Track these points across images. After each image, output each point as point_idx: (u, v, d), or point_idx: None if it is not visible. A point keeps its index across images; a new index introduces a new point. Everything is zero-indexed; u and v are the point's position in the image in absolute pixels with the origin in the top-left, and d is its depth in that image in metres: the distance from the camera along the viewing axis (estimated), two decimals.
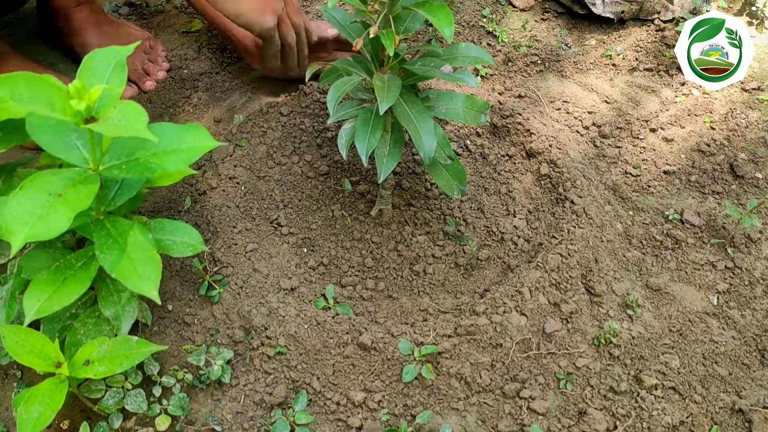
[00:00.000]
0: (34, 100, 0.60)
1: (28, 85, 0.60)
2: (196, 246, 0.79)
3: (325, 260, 1.02)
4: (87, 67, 0.67)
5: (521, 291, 0.95)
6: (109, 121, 0.61)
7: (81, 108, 0.60)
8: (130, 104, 0.63)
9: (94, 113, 0.62)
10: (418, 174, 1.14)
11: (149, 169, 0.67)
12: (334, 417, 0.85)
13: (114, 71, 0.67)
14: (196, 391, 0.85)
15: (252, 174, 1.08)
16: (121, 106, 0.63)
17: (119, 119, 0.61)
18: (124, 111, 0.62)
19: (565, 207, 1.09)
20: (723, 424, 0.88)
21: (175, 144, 0.69)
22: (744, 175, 1.20)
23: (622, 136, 1.26)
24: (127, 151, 0.69)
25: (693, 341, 0.96)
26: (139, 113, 0.62)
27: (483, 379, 0.87)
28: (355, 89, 0.95)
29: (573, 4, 1.51)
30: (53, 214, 0.61)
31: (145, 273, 0.68)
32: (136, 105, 0.63)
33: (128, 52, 0.69)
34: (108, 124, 0.61)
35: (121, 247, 0.69)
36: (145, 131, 0.60)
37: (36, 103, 0.60)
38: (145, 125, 0.61)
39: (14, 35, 1.32)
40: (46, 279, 0.72)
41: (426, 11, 0.80)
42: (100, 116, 0.62)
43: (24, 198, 0.62)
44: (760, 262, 1.07)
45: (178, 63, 1.35)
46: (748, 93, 1.35)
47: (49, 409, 0.68)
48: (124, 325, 0.78)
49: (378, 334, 0.90)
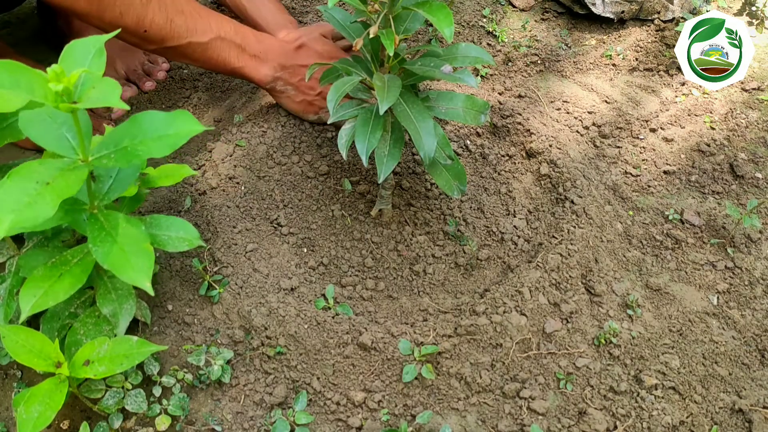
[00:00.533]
0: (16, 86, 0.61)
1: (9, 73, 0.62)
2: (192, 240, 0.79)
3: (325, 260, 1.02)
4: (68, 55, 0.68)
5: (521, 291, 0.95)
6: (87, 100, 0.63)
7: (59, 89, 0.61)
8: (107, 81, 0.64)
9: (76, 97, 0.63)
10: (418, 174, 1.14)
11: (137, 156, 0.68)
12: (334, 417, 0.85)
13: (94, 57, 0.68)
14: (196, 391, 0.85)
15: (252, 174, 1.08)
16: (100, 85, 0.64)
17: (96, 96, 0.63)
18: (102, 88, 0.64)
19: (565, 207, 1.09)
20: (723, 424, 0.88)
21: (162, 130, 0.70)
22: (744, 175, 1.20)
23: (622, 136, 1.26)
24: (115, 141, 0.70)
25: (693, 341, 0.96)
26: (115, 87, 0.63)
27: (483, 379, 0.87)
28: (355, 89, 0.95)
29: (573, 4, 1.51)
30: (40, 202, 0.62)
31: (137, 264, 0.69)
32: (113, 81, 0.64)
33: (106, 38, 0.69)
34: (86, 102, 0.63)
35: (113, 239, 0.70)
36: (119, 102, 0.62)
37: (18, 89, 0.61)
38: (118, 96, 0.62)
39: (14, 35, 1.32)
40: (42, 275, 0.73)
41: (426, 11, 0.80)
42: (81, 99, 0.64)
43: (11, 186, 0.62)
44: (760, 262, 1.07)
45: (178, 63, 1.35)
46: (748, 93, 1.35)
47: (49, 409, 0.68)
48: (122, 323, 0.78)
49: (378, 334, 0.90)
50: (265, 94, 1.26)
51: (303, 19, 1.45)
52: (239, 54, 1.05)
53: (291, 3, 1.48)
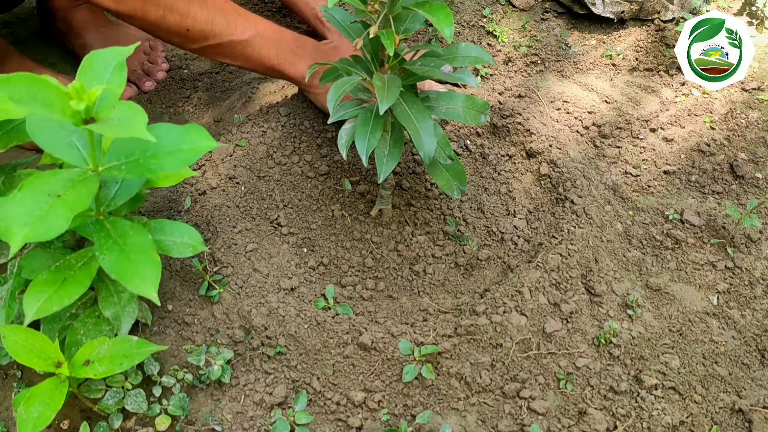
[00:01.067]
0: (33, 101, 0.60)
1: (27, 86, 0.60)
2: (196, 246, 0.79)
3: (325, 260, 1.02)
4: (86, 68, 0.66)
5: (521, 291, 0.95)
6: (108, 121, 0.61)
7: (80, 108, 0.59)
8: (130, 105, 0.63)
9: (94, 114, 0.62)
10: (418, 174, 1.14)
11: (149, 170, 0.67)
12: (334, 417, 0.85)
13: (114, 72, 0.66)
14: (196, 391, 0.85)
15: (252, 174, 1.08)
16: (121, 106, 0.62)
17: (118, 120, 0.61)
18: (123, 111, 0.62)
19: (565, 207, 1.09)
20: (723, 424, 0.88)
21: (175, 145, 0.69)
22: (744, 175, 1.20)
23: (622, 136, 1.26)
24: (126, 152, 0.68)
25: (693, 341, 0.96)
26: (139, 113, 0.61)
27: (483, 379, 0.88)
28: (355, 89, 0.95)
29: (573, 4, 1.51)
30: (52, 215, 0.61)
31: (144, 274, 0.68)
32: (136, 105, 0.62)
33: (128, 52, 0.68)
34: (107, 125, 0.61)
35: (120, 247, 0.69)
36: (144, 132, 0.60)
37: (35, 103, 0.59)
38: (144, 126, 0.60)
39: (14, 35, 1.32)
40: (46, 279, 0.72)
41: (426, 11, 0.80)
42: (100, 117, 0.62)
43: (23, 199, 0.62)
44: (760, 262, 1.07)
45: (178, 63, 1.35)
46: (748, 93, 1.35)
47: (49, 409, 0.68)
48: (124, 326, 0.78)
49: (378, 334, 0.90)
50: (264, 94, 1.26)
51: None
52: (278, 52, 1.07)
53: None
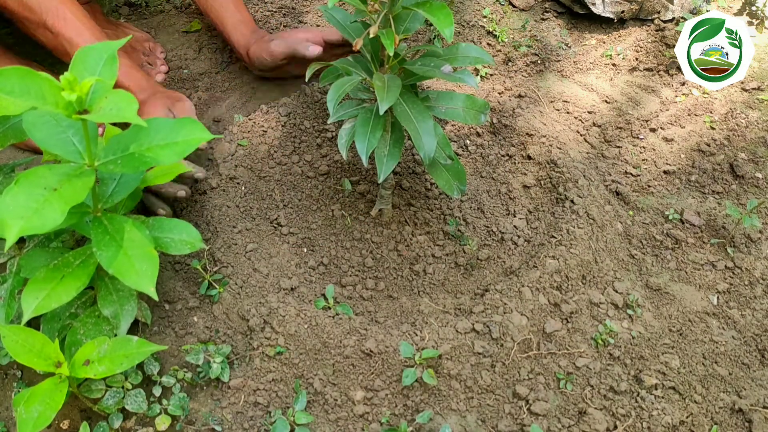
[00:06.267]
0: (26, 94, 0.60)
1: (19, 79, 0.61)
2: (195, 243, 0.79)
3: (325, 260, 1.02)
4: (79, 61, 0.67)
5: (521, 291, 0.95)
6: (100, 111, 0.62)
7: (72, 99, 0.60)
8: (121, 93, 0.63)
9: (87, 105, 0.62)
10: (418, 174, 1.14)
11: (144, 163, 0.68)
12: (334, 417, 0.85)
13: (105, 65, 0.67)
14: (196, 391, 0.85)
15: (252, 174, 1.08)
16: (113, 95, 0.63)
17: (110, 108, 0.62)
18: (115, 100, 0.63)
19: (565, 207, 1.09)
20: (723, 424, 0.88)
21: (170, 137, 0.69)
22: (744, 175, 1.20)
23: (622, 136, 1.26)
24: (122, 147, 0.69)
25: (693, 341, 0.96)
26: (130, 102, 0.62)
27: (483, 380, 0.87)
28: (355, 89, 0.95)
29: (573, 4, 1.51)
30: (48, 208, 0.62)
31: (142, 269, 0.68)
32: (127, 94, 0.63)
33: (119, 45, 0.69)
34: (99, 114, 0.61)
35: (117, 243, 0.69)
36: (135, 118, 0.61)
37: (28, 96, 0.60)
38: (135, 112, 0.61)
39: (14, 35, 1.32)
40: (44, 277, 0.72)
41: (426, 11, 0.80)
42: (93, 108, 0.63)
43: (18, 192, 0.62)
44: (760, 262, 1.07)
45: (178, 63, 1.35)
46: (748, 93, 1.35)
47: (49, 409, 0.68)
48: (123, 324, 0.78)
49: (378, 334, 0.90)
50: (264, 94, 1.26)
51: (303, 19, 1.44)
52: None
53: (291, 3, 1.48)
